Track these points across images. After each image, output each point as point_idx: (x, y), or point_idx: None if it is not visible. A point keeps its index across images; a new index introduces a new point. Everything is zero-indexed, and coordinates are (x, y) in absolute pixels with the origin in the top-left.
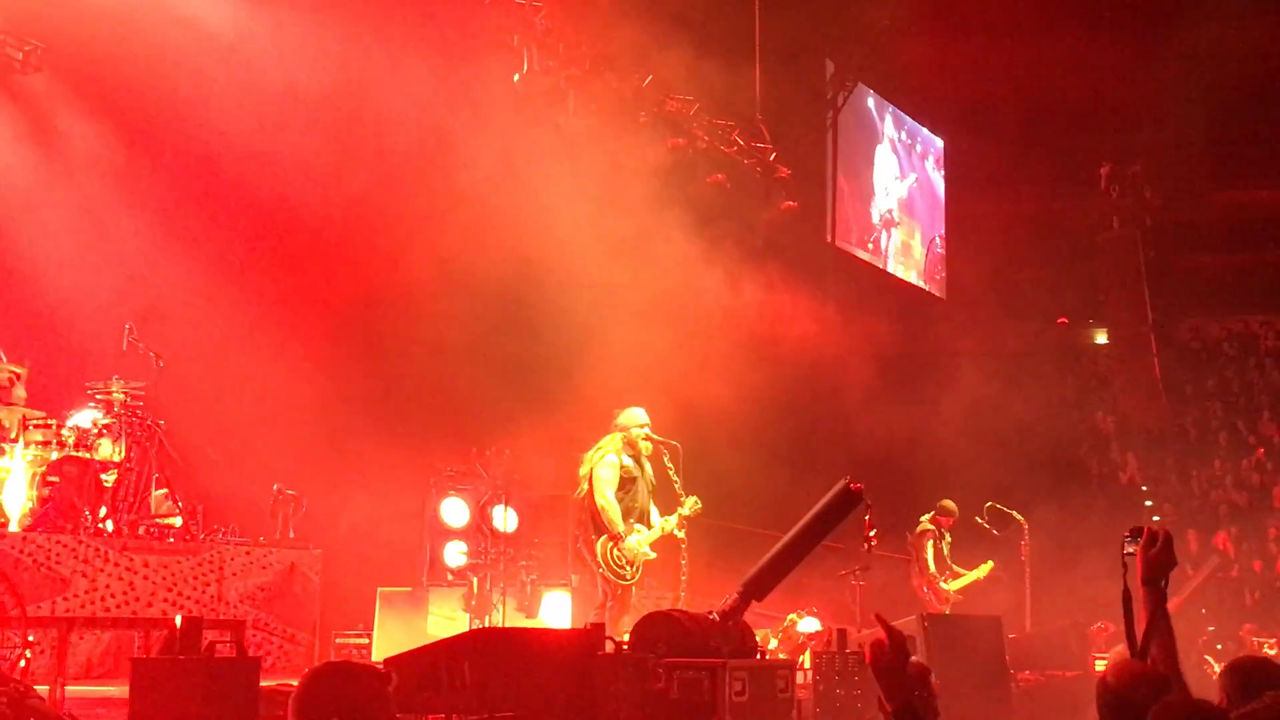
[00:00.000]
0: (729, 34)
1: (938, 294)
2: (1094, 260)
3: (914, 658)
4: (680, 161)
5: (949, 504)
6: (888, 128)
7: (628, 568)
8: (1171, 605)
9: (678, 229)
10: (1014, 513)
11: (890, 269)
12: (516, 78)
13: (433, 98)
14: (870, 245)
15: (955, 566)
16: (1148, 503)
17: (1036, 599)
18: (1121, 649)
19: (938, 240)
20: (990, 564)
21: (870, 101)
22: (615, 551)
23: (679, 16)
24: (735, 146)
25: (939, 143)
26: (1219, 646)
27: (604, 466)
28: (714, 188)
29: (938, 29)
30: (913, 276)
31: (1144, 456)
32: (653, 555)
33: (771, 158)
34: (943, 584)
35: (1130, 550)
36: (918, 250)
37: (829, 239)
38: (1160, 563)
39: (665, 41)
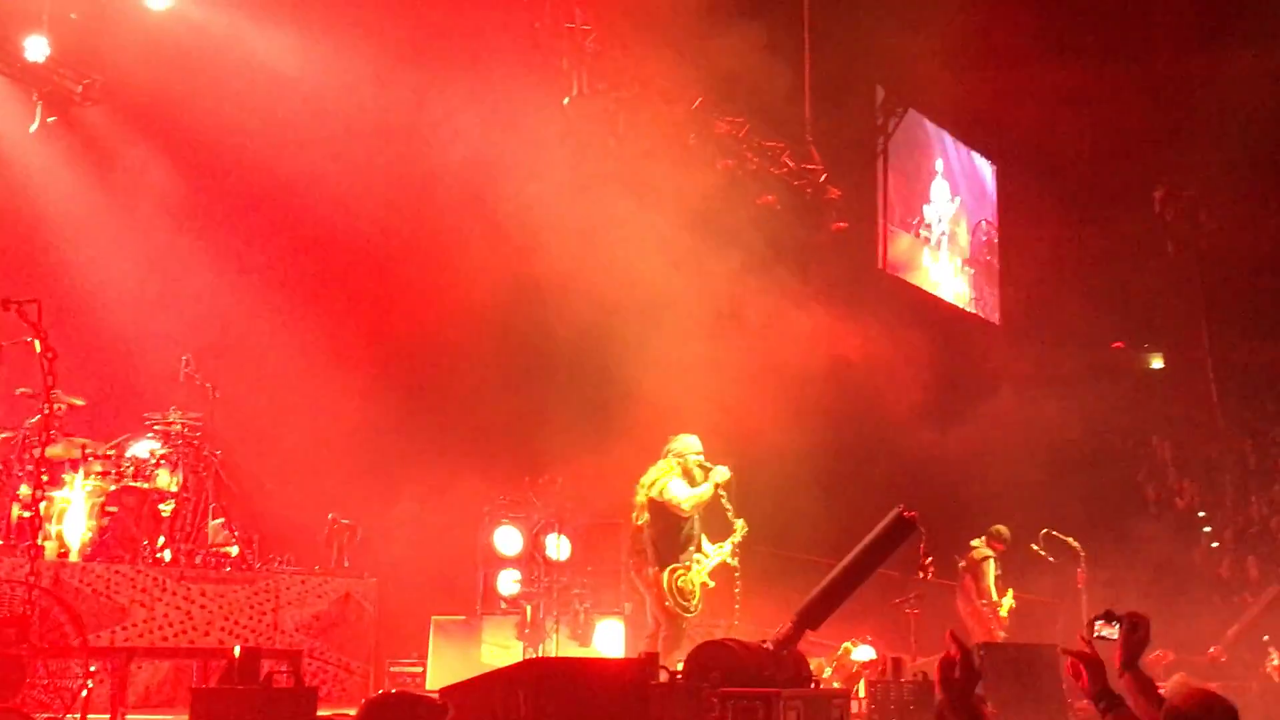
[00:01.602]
0: (779, 56)
1: (991, 319)
2: (1149, 284)
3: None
4: (730, 183)
5: (1003, 529)
6: (939, 153)
7: (692, 599)
8: (1232, 633)
9: (728, 252)
10: (1070, 539)
11: (944, 294)
12: (566, 101)
13: (485, 125)
14: (922, 271)
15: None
16: (1206, 529)
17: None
18: (1181, 677)
19: (994, 262)
20: (1011, 591)
21: (921, 127)
22: (681, 581)
23: (728, 38)
24: (785, 168)
25: (991, 167)
26: None
27: (673, 487)
28: (764, 210)
29: (989, 54)
30: (966, 302)
31: (1201, 482)
32: (712, 583)
33: (822, 179)
34: (1000, 610)
35: (1103, 634)
36: (971, 274)
37: (880, 265)
38: (1141, 647)
39: (715, 63)
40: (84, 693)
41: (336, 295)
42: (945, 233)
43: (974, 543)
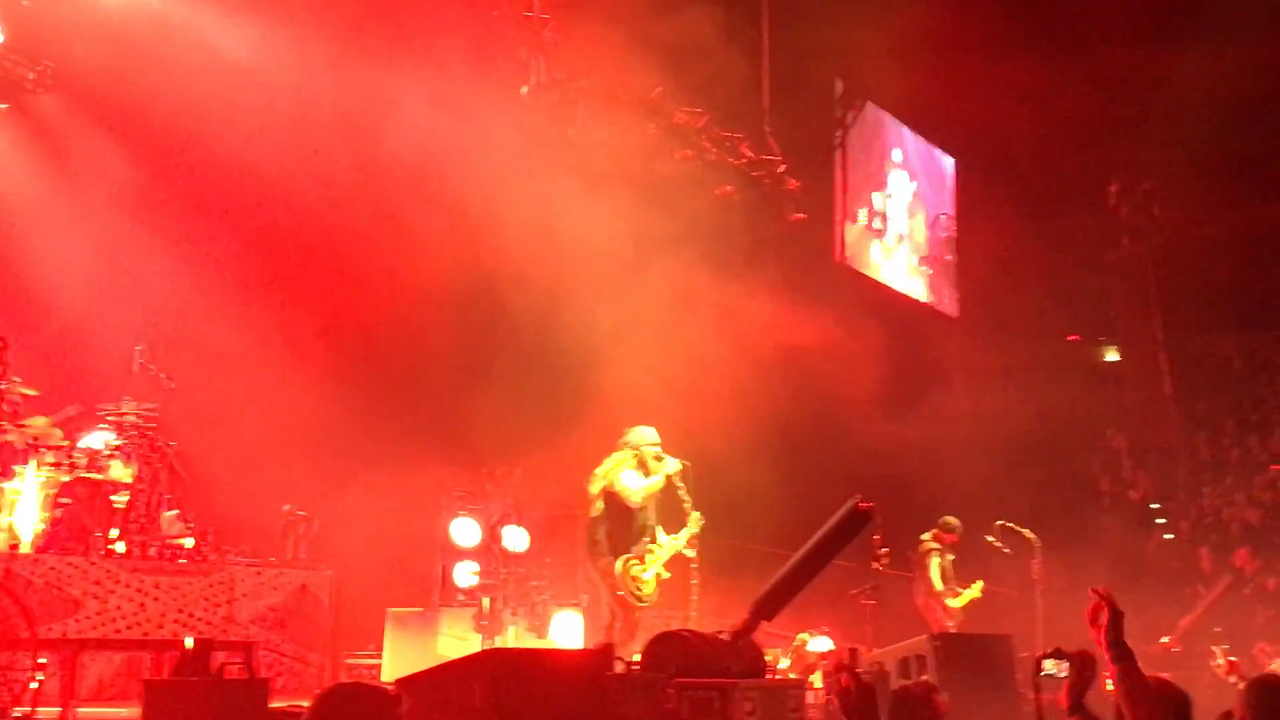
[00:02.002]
0: (738, 47)
1: (948, 312)
2: (1104, 278)
3: (924, 677)
4: (689, 174)
5: (951, 520)
6: (897, 146)
7: (645, 588)
8: (1185, 623)
9: (686, 242)
10: (1025, 531)
11: (900, 287)
12: (524, 90)
13: (442, 113)
14: (879, 264)
15: (957, 586)
16: (1159, 520)
17: (1048, 618)
18: None
19: (951, 255)
20: (980, 583)
21: (880, 120)
22: (635, 570)
23: (688, 29)
24: (744, 159)
25: (949, 161)
26: (1233, 657)
27: (624, 477)
28: (722, 200)
29: (947, 48)
30: (923, 294)
31: (1156, 474)
32: (666, 574)
33: (780, 170)
34: (949, 601)
35: (1050, 672)
36: (927, 267)
37: (837, 257)
38: (1087, 686)
39: (674, 54)
40: (34, 685)
41: (292, 285)
42: (903, 225)
43: (924, 536)
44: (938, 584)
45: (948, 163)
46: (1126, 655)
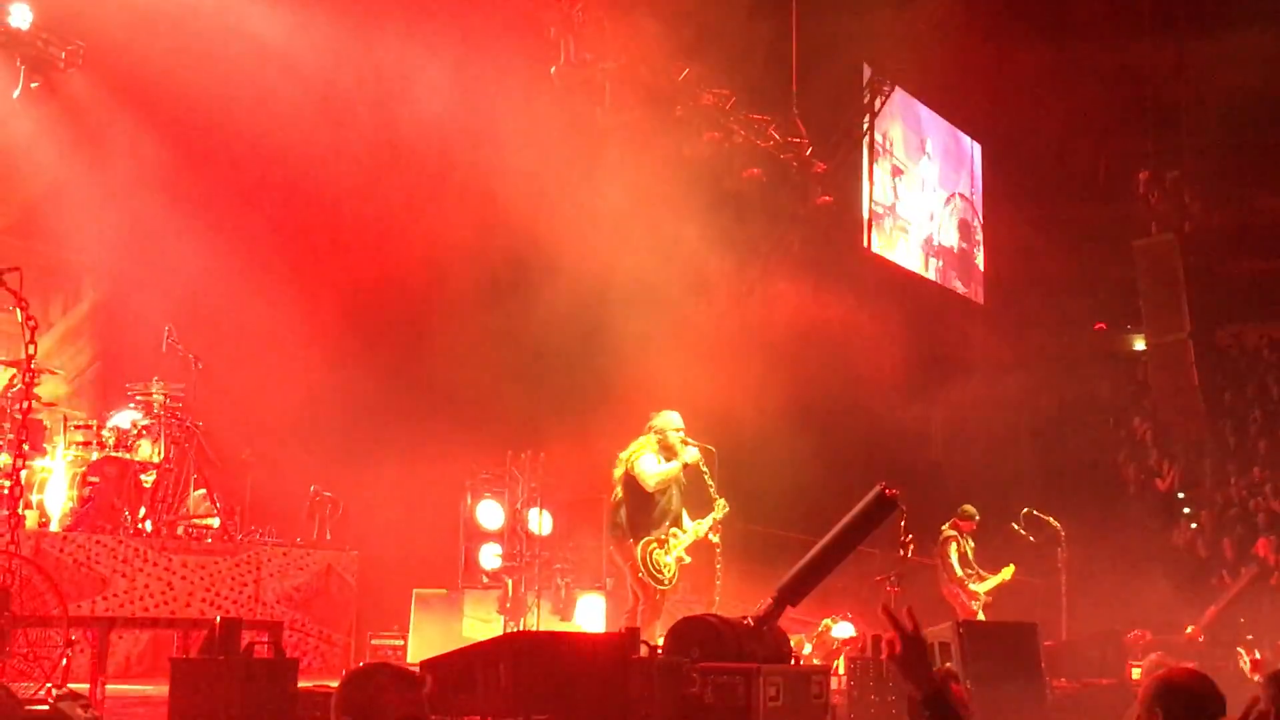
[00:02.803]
0: (767, 30)
1: (975, 299)
2: (1132, 266)
3: (948, 664)
4: (716, 156)
5: (969, 509)
6: (925, 132)
7: (665, 571)
8: (1210, 613)
9: (712, 225)
10: (1051, 519)
11: (925, 273)
12: (553, 70)
13: (469, 93)
14: (905, 249)
15: (980, 570)
16: (1185, 510)
17: (1073, 606)
18: (1158, 656)
19: (977, 242)
20: (1012, 567)
21: (908, 106)
22: (656, 554)
23: (716, 11)
24: (771, 141)
25: (977, 147)
26: (1257, 655)
27: (643, 462)
28: (749, 183)
29: (976, 34)
30: (948, 280)
31: (1182, 463)
32: (688, 559)
33: (808, 153)
34: (972, 586)
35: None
36: (953, 254)
37: (864, 243)
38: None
39: (702, 35)
40: (64, 662)
41: (321, 267)
42: (929, 211)
43: (943, 525)
44: (957, 570)
45: (975, 149)
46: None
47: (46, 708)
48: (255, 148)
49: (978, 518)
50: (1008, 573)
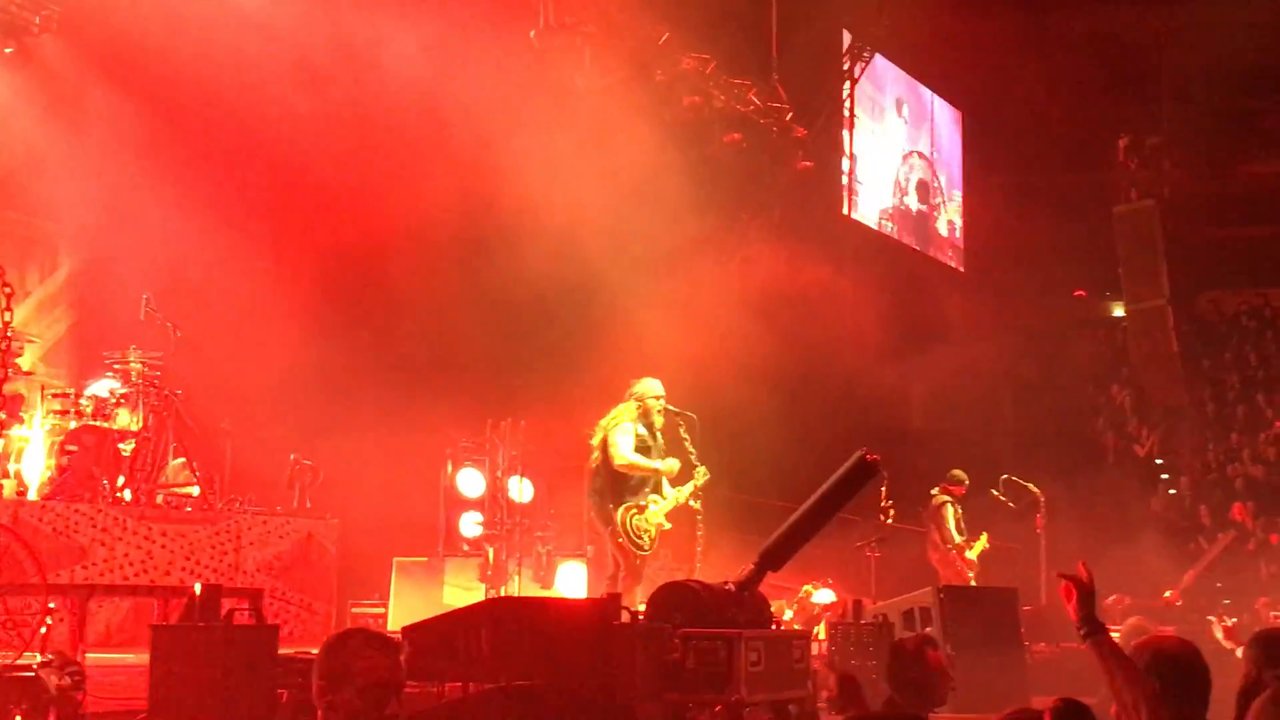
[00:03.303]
0: None
1: (955, 266)
2: (1112, 233)
3: (927, 630)
4: (696, 120)
5: (959, 473)
6: (906, 99)
7: (645, 537)
8: (1188, 578)
9: (692, 190)
10: (1030, 485)
11: (906, 240)
12: (532, 34)
13: (447, 57)
14: (886, 217)
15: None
16: (1164, 476)
17: (1052, 571)
18: (1137, 620)
19: (956, 209)
20: (985, 535)
21: (888, 72)
22: (636, 520)
23: None
24: (751, 106)
25: (956, 114)
26: (1233, 620)
27: (619, 432)
28: (730, 148)
29: (956, 1)
30: (928, 247)
31: (1161, 430)
32: (668, 525)
33: (788, 118)
34: (967, 552)
35: None
36: (953, 229)
37: (844, 210)
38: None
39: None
40: (43, 630)
41: (299, 234)
42: (909, 179)
43: (933, 490)
44: (956, 536)
45: (955, 116)
46: (1097, 630)
47: (31, 674)
48: (232, 114)
49: (967, 482)
50: (983, 541)
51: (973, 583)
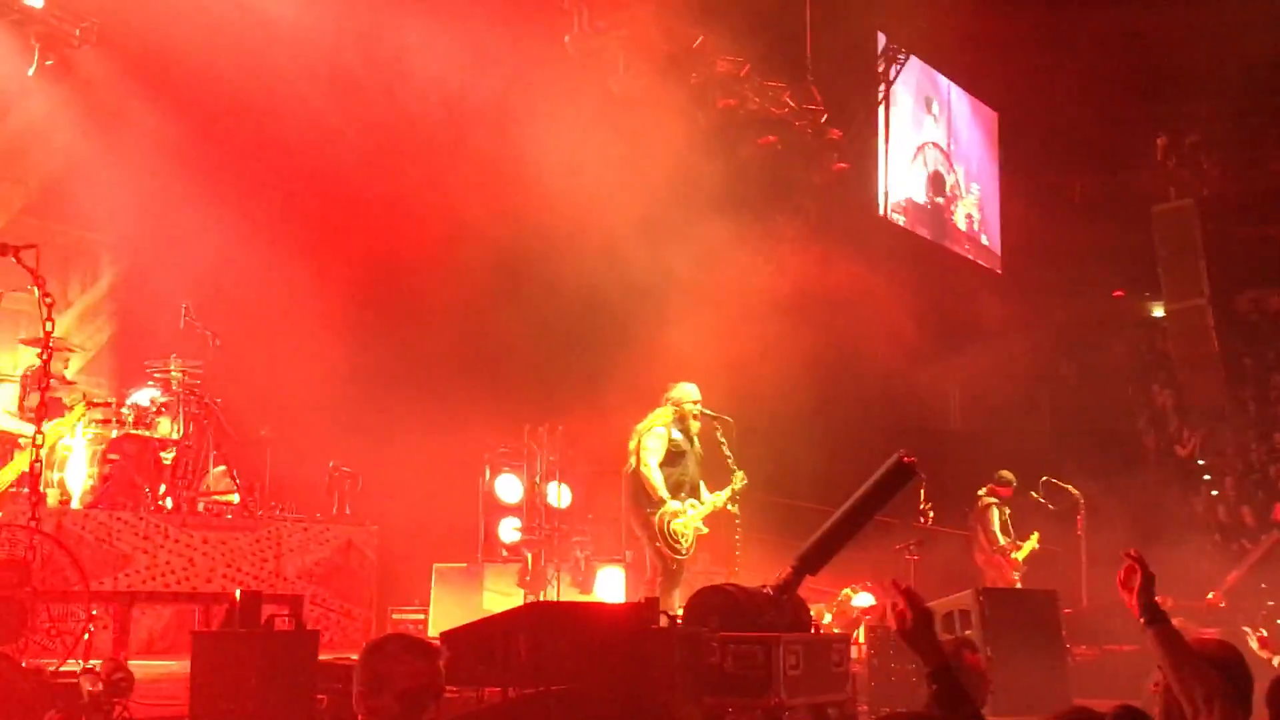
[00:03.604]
0: None
1: (992, 267)
2: (1150, 233)
3: (967, 633)
4: (731, 123)
5: (1006, 474)
6: (941, 100)
7: (683, 541)
8: (1231, 579)
9: (729, 193)
10: (1070, 487)
11: (943, 241)
12: (567, 39)
13: (483, 63)
14: (922, 219)
15: (1016, 538)
16: (1206, 477)
17: (1093, 574)
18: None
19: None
20: (1037, 534)
21: (924, 74)
22: (673, 525)
23: None
24: (786, 108)
25: (993, 115)
26: (1264, 633)
27: (651, 437)
28: (765, 151)
29: (990, 1)
30: (966, 248)
31: (1202, 431)
32: (705, 529)
33: (823, 120)
34: (1014, 554)
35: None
36: (971, 222)
37: (881, 212)
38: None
39: (716, 2)
40: (86, 637)
41: (337, 242)
42: (946, 180)
43: (980, 492)
44: (1000, 539)
45: (992, 117)
46: (1160, 618)
47: (73, 680)
48: (269, 123)
49: (1015, 483)
50: (1034, 541)
51: (1018, 584)
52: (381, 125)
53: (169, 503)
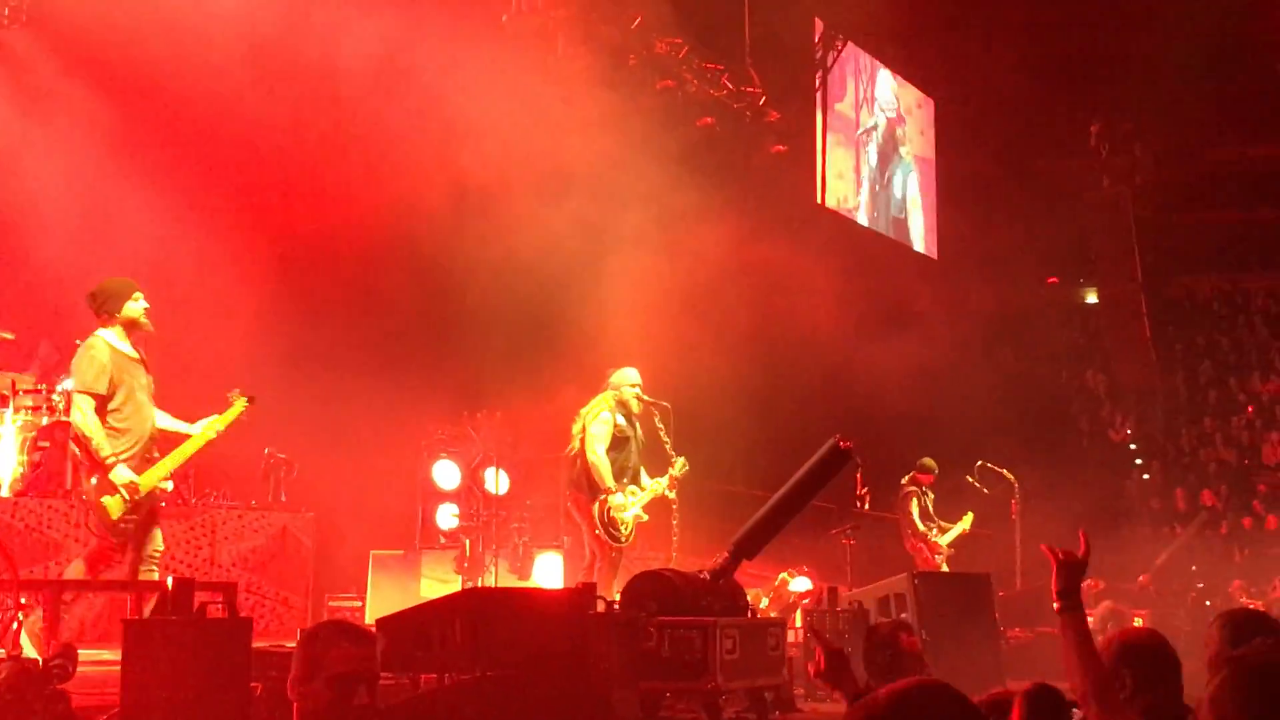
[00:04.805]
0: None
1: (928, 253)
2: (1084, 219)
3: (902, 616)
4: (669, 105)
5: (928, 461)
6: (877, 87)
7: (623, 529)
8: (1160, 561)
9: (667, 175)
10: (1005, 471)
11: (879, 227)
12: (504, 18)
13: (420, 41)
14: (859, 205)
15: (941, 522)
16: (1137, 461)
17: (1026, 557)
18: (1109, 604)
19: (928, 198)
20: (970, 515)
21: (860, 60)
22: (614, 513)
23: None
24: (724, 90)
25: (929, 102)
26: (1207, 603)
27: (597, 424)
28: (703, 132)
29: None
30: (901, 234)
31: (1134, 415)
32: (645, 517)
33: (761, 102)
34: (934, 538)
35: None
36: (907, 209)
37: (818, 200)
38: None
39: None
40: (14, 626)
41: (268, 225)
42: (881, 166)
43: (903, 480)
44: (919, 525)
45: (928, 104)
46: (1075, 606)
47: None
48: (201, 102)
49: (936, 470)
50: (967, 521)
51: (944, 569)
52: (315, 106)
53: None
